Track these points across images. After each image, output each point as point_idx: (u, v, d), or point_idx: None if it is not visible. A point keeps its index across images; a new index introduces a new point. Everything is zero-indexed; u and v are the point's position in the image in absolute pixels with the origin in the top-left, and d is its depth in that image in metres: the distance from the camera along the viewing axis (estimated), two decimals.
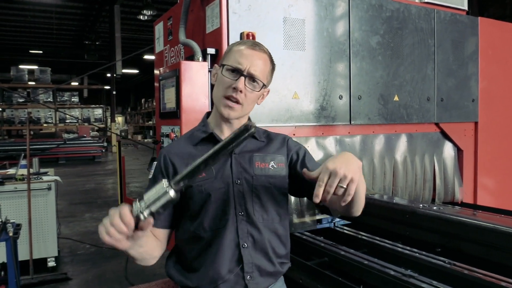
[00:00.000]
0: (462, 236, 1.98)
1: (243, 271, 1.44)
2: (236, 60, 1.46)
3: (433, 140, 3.37)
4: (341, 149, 2.91)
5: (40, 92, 17.34)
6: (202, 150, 1.45)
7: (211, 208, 1.44)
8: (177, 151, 1.52)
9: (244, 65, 1.45)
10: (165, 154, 1.51)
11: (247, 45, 1.50)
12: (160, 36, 3.46)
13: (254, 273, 1.46)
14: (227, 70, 1.47)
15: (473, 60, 3.50)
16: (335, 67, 2.81)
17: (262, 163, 1.51)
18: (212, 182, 1.45)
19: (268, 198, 1.51)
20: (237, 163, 1.49)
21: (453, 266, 1.90)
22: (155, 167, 1.52)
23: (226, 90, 1.46)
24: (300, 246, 2.47)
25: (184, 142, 1.55)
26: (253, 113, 2.51)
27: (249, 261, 1.45)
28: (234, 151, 1.47)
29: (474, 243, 1.96)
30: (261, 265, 1.47)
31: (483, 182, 3.59)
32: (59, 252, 4.90)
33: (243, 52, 1.47)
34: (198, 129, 1.58)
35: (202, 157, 1.13)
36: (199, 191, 1.44)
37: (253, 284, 1.45)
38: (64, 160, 16.23)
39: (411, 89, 3.15)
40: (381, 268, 1.91)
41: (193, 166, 1.12)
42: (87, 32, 22.19)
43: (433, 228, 2.09)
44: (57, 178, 4.77)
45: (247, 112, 1.54)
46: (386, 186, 3.10)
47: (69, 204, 8.35)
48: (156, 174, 1.51)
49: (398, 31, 3.07)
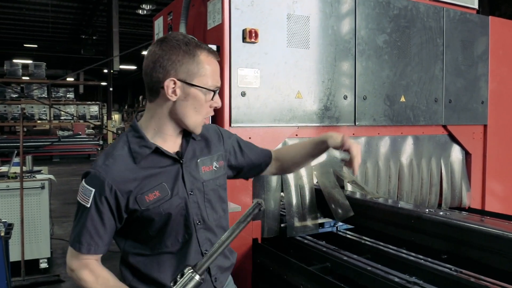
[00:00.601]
0: (470, 243, 1.98)
1: (211, 275, 1.51)
2: (216, 79, 1.44)
3: (441, 143, 3.37)
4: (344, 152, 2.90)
5: (34, 87, 17.35)
6: (147, 166, 1.41)
7: (172, 227, 1.44)
8: (118, 176, 1.36)
9: (219, 82, 1.46)
10: (107, 181, 1.35)
11: (214, 56, 1.44)
12: (160, 31, 3.47)
13: (217, 274, 1.54)
14: (210, 91, 1.42)
15: (483, 60, 3.49)
16: (340, 66, 2.81)
17: (207, 167, 1.54)
18: (170, 201, 1.42)
19: (215, 199, 1.56)
20: (188, 174, 1.48)
21: (460, 273, 1.91)
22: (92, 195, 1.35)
23: (206, 110, 1.45)
24: (301, 250, 2.47)
25: (124, 161, 1.39)
26: (254, 113, 2.53)
27: (214, 265, 1.50)
28: (182, 161, 1.47)
29: (481, 250, 1.95)
30: (221, 264, 1.56)
31: (491, 187, 3.58)
32: (52, 253, 4.91)
33: (216, 69, 1.44)
34: (134, 142, 1.42)
35: (223, 241, 1.19)
36: (158, 213, 1.41)
37: (218, 284, 1.54)
38: (58, 158, 16.27)
39: (418, 90, 3.15)
40: (385, 274, 1.91)
41: (216, 253, 1.18)
42: (84, 26, 22.21)
43: (440, 234, 2.09)
44: (50, 177, 4.78)
45: None
46: (391, 190, 3.10)
47: (63, 204, 8.36)
48: (96, 203, 1.35)
49: (406, 29, 3.07)
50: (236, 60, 2.47)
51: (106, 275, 1.40)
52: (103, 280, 1.38)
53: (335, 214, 2.58)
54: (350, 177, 2.82)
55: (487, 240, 1.90)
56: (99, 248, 1.39)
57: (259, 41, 2.50)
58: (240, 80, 2.48)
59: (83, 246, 1.38)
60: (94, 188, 1.36)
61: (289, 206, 2.61)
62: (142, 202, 1.38)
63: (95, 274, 1.39)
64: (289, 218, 2.60)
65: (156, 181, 1.41)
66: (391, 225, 2.37)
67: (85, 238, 1.37)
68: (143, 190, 1.38)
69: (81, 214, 1.39)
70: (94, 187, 1.36)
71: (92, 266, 1.40)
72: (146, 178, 1.39)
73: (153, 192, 1.39)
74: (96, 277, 1.38)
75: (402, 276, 1.90)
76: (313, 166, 2.77)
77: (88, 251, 1.38)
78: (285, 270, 2.24)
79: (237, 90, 2.47)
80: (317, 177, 2.77)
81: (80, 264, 1.40)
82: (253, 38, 2.47)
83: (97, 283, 1.37)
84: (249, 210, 1.26)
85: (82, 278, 1.38)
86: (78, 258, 1.40)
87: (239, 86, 2.48)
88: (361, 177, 2.96)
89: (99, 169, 1.38)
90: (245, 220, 1.23)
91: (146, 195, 1.38)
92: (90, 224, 1.37)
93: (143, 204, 1.38)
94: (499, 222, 2.50)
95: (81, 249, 1.38)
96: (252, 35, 2.46)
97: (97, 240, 1.38)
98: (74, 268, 1.41)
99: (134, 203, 1.38)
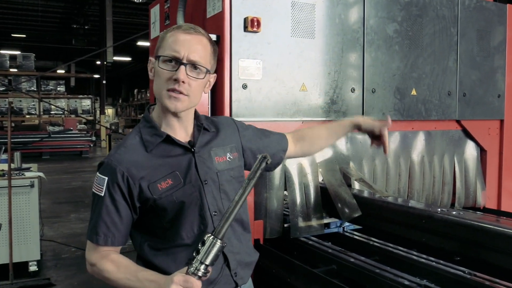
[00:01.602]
0: (484, 244, 1.99)
1: (230, 269, 1.55)
2: (172, 48, 1.45)
3: (454, 139, 3.37)
4: (352, 147, 2.92)
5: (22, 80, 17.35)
6: (159, 155, 1.49)
7: (187, 216, 1.50)
8: (130, 163, 1.45)
9: (182, 52, 1.44)
10: (119, 168, 1.44)
11: (181, 29, 1.49)
12: (156, 20, 3.47)
13: (238, 268, 1.58)
14: (164, 61, 1.46)
15: (500, 51, 3.49)
16: (347, 57, 2.81)
17: (220, 158, 1.60)
18: (182, 189, 1.48)
19: (232, 191, 1.60)
20: (201, 163, 1.54)
21: (473, 276, 1.92)
22: (105, 183, 1.44)
23: (167, 83, 1.45)
24: (306, 252, 2.48)
25: (136, 150, 1.49)
26: (256, 106, 2.54)
27: (233, 259, 1.55)
28: (194, 150, 1.53)
29: (496, 252, 1.96)
30: (241, 259, 1.60)
31: (508, 186, 3.59)
32: (42, 255, 4.94)
33: (178, 39, 1.46)
34: (146, 132, 1.52)
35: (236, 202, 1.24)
36: (171, 202, 1.47)
37: (239, 280, 1.58)
38: (49, 155, 16.31)
39: (431, 83, 3.15)
40: (394, 277, 1.93)
41: (232, 214, 1.24)
42: (75, 15, 22.21)
43: (452, 234, 2.10)
44: (40, 175, 4.80)
45: (195, 103, 1.54)
46: (401, 189, 3.11)
47: (54, 203, 8.40)
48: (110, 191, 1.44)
49: (418, 18, 3.07)
50: (237, 51, 2.47)
51: (127, 263, 1.45)
52: (125, 269, 1.42)
53: (342, 214, 2.59)
54: (357, 174, 2.83)
55: (503, 241, 1.91)
56: (116, 239, 1.46)
57: (262, 30, 2.51)
58: (241, 72, 2.48)
59: (100, 238, 1.45)
60: (107, 177, 1.44)
61: (293, 205, 2.62)
62: (155, 191, 1.45)
63: (116, 264, 1.43)
64: (292, 218, 2.61)
65: (168, 170, 1.48)
66: (401, 226, 2.38)
67: (102, 229, 1.45)
68: (155, 178, 1.46)
69: (96, 204, 1.46)
70: (107, 176, 1.45)
71: (112, 257, 1.45)
72: (158, 167, 1.47)
73: (165, 180, 1.46)
74: (117, 266, 1.43)
75: (412, 279, 1.92)
76: (319, 163, 2.78)
77: (106, 242, 1.45)
78: (289, 273, 2.25)
79: (238, 83, 2.48)
80: (323, 174, 2.78)
81: (100, 256, 1.45)
82: (255, 27, 2.47)
83: (119, 272, 1.41)
84: (256, 165, 1.29)
85: (103, 269, 1.43)
86: (97, 251, 1.46)
87: (240, 78, 2.49)
88: (369, 175, 2.97)
89: (111, 158, 1.47)
90: (254, 176, 1.27)
91: (159, 183, 1.46)
92: (106, 214, 1.44)
93: (155, 193, 1.45)
94: None
95: (98, 241, 1.45)
96: (254, 24, 2.47)
97: (114, 230, 1.45)
98: (94, 261, 1.46)
99: (146, 191, 1.45)
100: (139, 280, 1.37)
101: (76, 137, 17.30)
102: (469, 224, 2.03)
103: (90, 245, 1.48)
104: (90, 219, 1.49)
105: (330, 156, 2.83)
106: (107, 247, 1.46)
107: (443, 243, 2.17)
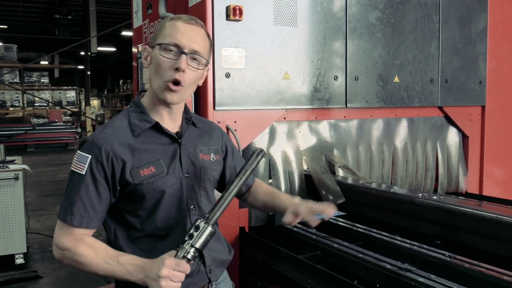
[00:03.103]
0: (463, 228, 2.03)
1: (205, 266, 1.55)
2: (174, 36, 1.44)
3: (436, 125, 3.42)
4: (335, 135, 2.95)
5: (5, 71, 17.10)
6: (145, 141, 1.47)
7: (165, 206, 1.48)
8: (116, 143, 1.43)
9: (184, 41, 1.44)
10: (104, 147, 1.41)
11: (182, 19, 1.48)
12: (139, 9, 3.45)
13: (213, 266, 1.58)
14: (164, 49, 1.44)
15: (481, 38, 3.53)
16: (330, 45, 2.83)
17: (205, 155, 1.60)
18: (164, 178, 1.46)
19: (210, 189, 1.62)
20: (185, 156, 1.53)
21: (454, 259, 1.96)
22: (88, 161, 1.39)
23: (167, 72, 1.43)
24: (290, 239, 2.51)
25: (122, 132, 1.46)
26: (239, 95, 2.55)
27: (209, 255, 1.55)
28: (181, 141, 1.53)
29: (476, 235, 2.01)
30: (217, 256, 1.60)
31: (489, 171, 3.65)
32: (28, 248, 4.92)
33: (179, 28, 1.45)
34: (135, 116, 1.50)
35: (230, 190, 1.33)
36: (151, 189, 1.44)
37: (213, 276, 1.58)
38: (33, 148, 16.14)
39: (413, 70, 3.18)
40: (376, 261, 1.95)
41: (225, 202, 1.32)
42: (57, 4, 21.85)
43: (433, 219, 2.14)
44: (25, 167, 4.76)
45: (189, 95, 1.54)
46: (384, 175, 3.15)
47: (39, 196, 8.34)
48: (92, 170, 1.40)
49: (400, 5, 3.09)
50: (220, 40, 2.47)
51: (105, 247, 1.40)
52: (103, 253, 1.37)
53: (326, 201, 2.61)
54: (341, 161, 2.86)
55: (481, 224, 1.96)
56: (91, 222, 1.40)
57: (244, 18, 2.51)
58: (224, 61, 2.49)
59: (75, 218, 1.38)
60: (91, 155, 1.40)
61: None
62: (137, 176, 1.42)
63: (93, 247, 1.37)
64: None
65: (153, 157, 1.46)
66: (383, 211, 2.42)
67: (78, 209, 1.38)
68: (138, 164, 1.43)
69: (73, 183, 1.40)
70: (90, 154, 1.40)
71: (87, 240, 1.40)
72: (143, 152, 1.45)
73: (148, 167, 1.44)
74: (94, 250, 1.37)
75: (394, 262, 1.94)
76: (303, 151, 2.80)
77: (80, 223, 1.39)
78: (274, 259, 2.28)
79: (221, 72, 2.48)
80: (307, 162, 2.80)
81: (74, 239, 1.38)
82: (237, 16, 2.47)
83: (97, 256, 1.36)
84: (252, 158, 1.32)
85: (78, 252, 1.36)
86: (70, 234, 1.39)
87: (223, 67, 2.49)
88: (353, 162, 3.00)
89: (97, 136, 1.44)
90: (249, 168, 1.32)
91: (141, 169, 1.43)
92: (84, 193, 1.39)
93: (137, 178, 1.42)
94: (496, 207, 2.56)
95: (72, 221, 1.38)
96: (236, 12, 2.47)
97: (91, 212, 1.40)
98: (67, 245, 1.38)
99: (128, 175, 1.42)
100: (120, 264, 1.33)
101: (61, 129, 17.12)
102: (449, 208, 2.07)
103: (61, 228, 1.41)
104: (65, 198, 1.41)
105: (314, 143, 2.85)
106: (81, 230, 1.40)
107: (424, 227, 2.21)
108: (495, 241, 1.95)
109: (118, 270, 1.33)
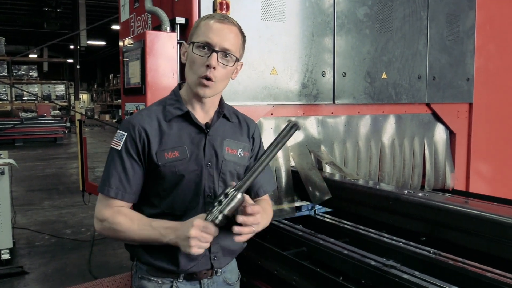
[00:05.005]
0: (447, 224, 2.04)
1: (210, 252, 1.61)
2: (206, 35, 1.53)
3: (424, 122, 3.43)
4: (323, 131, 2.94)
5: None
6: (175, 127, 1.58)
7: (183, 190, 1.57)
8: (149, 125, 1.56)
9: (215, 40, 1.52)
10: (138, 126, 1.55)
11: (215, 19, 1.56)
12: (126, 3, 3.42)
13: (219, 253, 1.64)
14: (197, 47, 1.53)
15: (469, 36, 3.55)
16: (318, 40, 2.82)
17: (231, 150, 1.66)
18: (186, 164, 1.56)
19: (230, 182, 1.62)
20: (210, 146, 1.61)
21: (438, 256, 1.97)
22: (124, 138, 1.55)
23: (200, 69, 1.52)
24: (277, 235, 2.51)
25: (155, 116, 1.60)
26: (227, 90, 2.51)
27: (216, 242, 1.57)
28: (208, 131, 1.60)
29: (461, 232, 2.02)
30: (225, 244, 1.64)
31: (476, 168, 3.68)
32: (15, 243, 4.88)
33: (212, 27, 1.53)
34: (170, 103, 1.63)
35: (262, 161, 1.36)
36: (172, 172, 1.55)
37: (216, 263, 1.64)
38: (22, 142, 16.00)
39: (401, 66, 3.19)
40: (361, 258, 1.96)
41: (256, 172, 1.36)
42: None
43: (418, 215, 2.15)
44: (11, 162, 4.71)
45: (221, 89, 1.62)
46: (372, 172, 3.16)
47: (27, 191, 8.27)
48: (126, 146, 1.55)
49: (388, 2, 3.09)
50: None
51: (140, 216, 1.53)
52: (138, 221, 1.50)
53: (313, 197, 2.62)
54: (328, 158, 2.86)
55: (465, 221, 1.97)
56: (126, 194, 1.54)
57: (231, 13, 2.49)
58: None
59: (112, 190, 1.53)
60: (126, 132, 1.56)
61: None
62: (161, 158, 1.54)
63: (129, 217, 1.51)
64: None
65: (179, 143, 1.57)
66: (369, 207, 2.42)
67: (114, 182, 1.53)
68: (164, 147, 1.55)
69: (111, 158, 1.56)
70: (126, 131, 1.56)
71: (124, 210, 1.53)
72: (170, 137, 1.57)
73: (173, 152, 1.55)
74: (130, 219, 1.50)
75: (378, 259, 1.95)
76: (290, 147, 2.79)
77: (116, 194, 1.53)
78: (260, 256, 2.28)
79: None
80: (294, 158, 2.80)
81: (112, 211, 1.52)
82: (224, 10, 2.45)
83: (133, 224, 1.49)
84: (286, 130, 1.37)
85: (116, 221, 1.50)
86: (108, 206, 1.54)
87: None
88: (341, 158, 3.00)
89: (133, 116, 1.61)
90: (282, 140, 1.36)
91: (166, 152, 1.55)
92: (120, 167, 1.54)
93: (161, 160, 1.54)
94: (481, 204, 2.58)
95: (109, 192, 1.53)
96: (223, 7, 2.45)
97: (126, 184, 1.54)
98: (106, 216, 1.52)
99: (154, 155, 1.54)
100: (153, 228, 1.46)
101: (50, 123, 16.98)
102: (434, 205, 2.08)
103: (101, 201, 1.55)
104: (104, 172, 1.56)
105: (301, 140, 2.85)
106: (118, 201, 1.53)
107: (409, 224, 2.22)
108: (479, 238, 1.97)
109: (153, 233, 1.46)
